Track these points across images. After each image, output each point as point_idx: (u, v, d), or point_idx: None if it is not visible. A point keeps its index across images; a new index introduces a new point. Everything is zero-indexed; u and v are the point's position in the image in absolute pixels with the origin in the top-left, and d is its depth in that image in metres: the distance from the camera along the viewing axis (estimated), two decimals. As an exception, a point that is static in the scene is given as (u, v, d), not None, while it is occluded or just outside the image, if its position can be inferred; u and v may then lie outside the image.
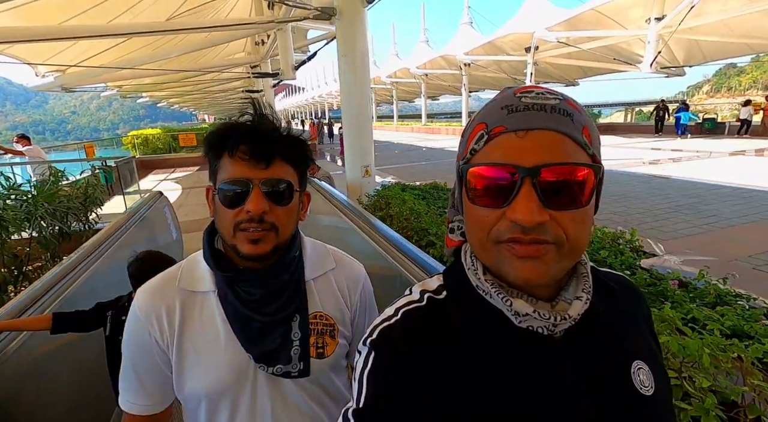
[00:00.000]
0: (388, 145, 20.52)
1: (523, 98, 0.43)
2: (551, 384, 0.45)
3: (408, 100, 45.41)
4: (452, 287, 0.52)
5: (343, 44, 4.73)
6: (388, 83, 34.23)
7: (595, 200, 0.45)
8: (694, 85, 78.31)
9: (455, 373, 0.45)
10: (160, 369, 0.75)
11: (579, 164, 0.41)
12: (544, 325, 0.45)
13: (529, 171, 0.40)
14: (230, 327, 0.74)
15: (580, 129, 0.42)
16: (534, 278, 0.41)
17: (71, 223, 3.89)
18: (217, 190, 0.71)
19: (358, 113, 4.97)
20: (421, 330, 0.48)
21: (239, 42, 14.79)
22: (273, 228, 0.71)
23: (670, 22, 12.52)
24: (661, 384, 0.50)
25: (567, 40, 16.55)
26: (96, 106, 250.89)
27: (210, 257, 0.75)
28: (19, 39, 6.58)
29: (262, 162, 0.69)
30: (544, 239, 0.41)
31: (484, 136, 0.43)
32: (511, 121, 0.42)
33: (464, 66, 23.32)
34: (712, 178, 7.93)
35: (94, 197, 4.40)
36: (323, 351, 0.79)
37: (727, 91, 56.49)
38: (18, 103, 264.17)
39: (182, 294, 0.75)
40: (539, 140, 0.41)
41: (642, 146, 14.30)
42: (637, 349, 0.51)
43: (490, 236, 0.43)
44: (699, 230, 5.03)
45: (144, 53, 10.85)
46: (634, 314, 0.55)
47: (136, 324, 0.74)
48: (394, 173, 10.64)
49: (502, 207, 0.41)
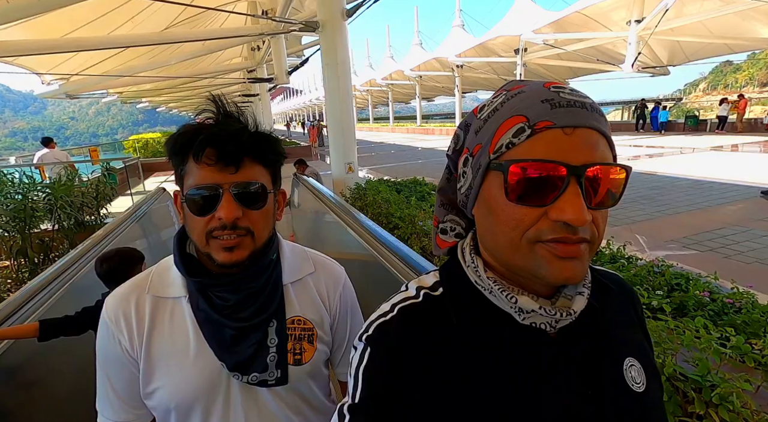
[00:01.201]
0: (384, 146, 21.01)
1: (561, 93, 0.42)
2: (545, 380, 0.45)
3: (404, 101, 45.98)
4: (449, 284, 0.51)
5: (326, 54, 5.26)
6: (384, 85, 34.80)
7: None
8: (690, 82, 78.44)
9: (451, 369, 0.46)
10: (135, 378, 0.72)
11: (618, 165, 0.42)
12: (547, 321, 0.45)
13: (577, 169, 0.39)
14: (202, 334, 0.71)
15: (609, 129, 0.43)
16: (575, 277, 0.41)
17: (85, 216, 4.40)
18: (185, 197, 0.67)
19: (341, 116, 5.50)
20: (418, 326, 0.48)
21: (236, 48, 15.31)
22: (248, 233, 0.68)
23: (649, 24, 13.05)
24: (653, 381, 0.51)
25: (553, 42, 17.10)
26: (95, 111, 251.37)
27: (180, 263, 0.72)
28: (26, 52, 7.13)
29: (231, 165, 0.66)
30: (588, 238, 0.41)
31: (525, 129, 0.41)
32: (557, 116, 0.40)
33: (456, 68, 23.85)
34: (679, 171, 8.45)
35: (104, 193, 4.93)
36: (301, 357, 0.76)
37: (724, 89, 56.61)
38: (17, 110, 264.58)
39: (152, 301, 0.72)
40: (585, 138, 0.40)
41: (623, 143, 14.82)
42: (629, 346, 0.51)
43: (527, 235, 0.41)
44: (649, 217, 5.55)
45: (144, 61, 11.38)
46: (627, 312, 0.56)
47: (105, 331, 0.71)
48: (390, 171, 11.10)
49: (546, 206, 0.40)
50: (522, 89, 0.44)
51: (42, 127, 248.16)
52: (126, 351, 0.70)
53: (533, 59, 19.64)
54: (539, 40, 17.00)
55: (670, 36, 15.29)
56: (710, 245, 4.30)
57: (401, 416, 0.45)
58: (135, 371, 0.71)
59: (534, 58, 19.45)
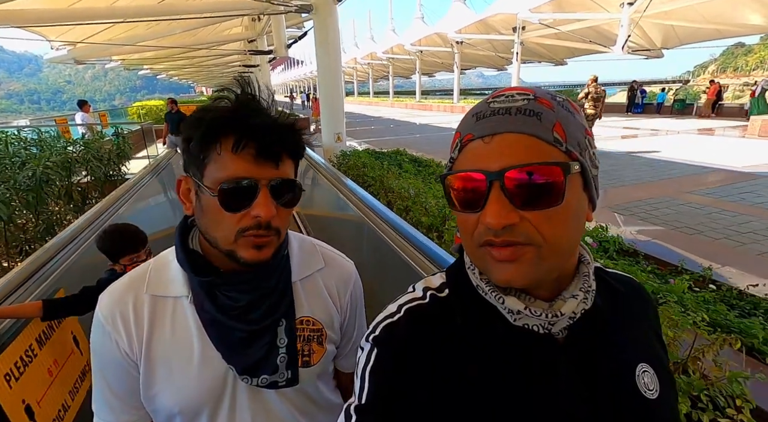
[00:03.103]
0: (383, 120, 21.46)
1: (492, 104, 0.44)
2: (548, 384, 0.45)
3: (405, 76, 45.74)
4: (453, 285, 0.52)
5: (318, 34, 5.90)
6: (384, 59, 34.66)
7: (589, 195, 0.46)
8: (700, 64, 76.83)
9: (455, 370, 0.46)
10: (134, 379, 0.68)
11: (542, 164, 0.41)
12: (539, 323, 0.45)
13: (495, 175, 0.41)
14: (207, 336, 0.67)
15: (550, 127, 0.42)
16: (514, 280, 0.42)
17: (110, 171, 5.19)
18: (214, 189, 0.60)
19: (332, 91, 6.20)
20: (424, 328, 0.49)
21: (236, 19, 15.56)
22: (277, 232, 0.64)
23: (640, 7, 13.39)
24: (667, 388, 0.50)
25: (551, 21, 17.33)
26: (91, 76, 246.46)
27: (185, 260, 0.67)
28: (40, 22, 7.70)
29: (271, 161, 0.61)
30: (515, 240, 0.41)
31: (458, 144, 0.45)
32: (478, 128, 0.43)
33: (456, 44, 23.93)
34: (641, 151, 9.17)
35: (125, 152, 5.70)
36: (309, 359, 0.74)
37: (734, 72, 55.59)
38: (11, 71, 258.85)
39: (150, 300, 0.67)
40: (503, 144, 0.41)
41: (611, 125, 15.43)
42: (642, 352, 0.51)
43: (474, 240, 0.44)
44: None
45: (146, 30, 11.78)
46: (640, 317, 0.55)
47: (101, 331, 0.66)
48: (386, 144, 11.67)
49: (478, 212, 0.42)
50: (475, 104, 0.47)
51: (38, 90, 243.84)
52: (125, 353, 0.66)
53: (531, 38, 19.82)
54: (535, 19, 17.23)
55: (664, 20, 15.62)
56: (634, 211, 5.12)
57: (408, 416, 0.45)
58: (134, 373, 0.67)
59: (531, 36, 19.63)
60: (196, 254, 0.68)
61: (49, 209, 3.79)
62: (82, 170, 4.51)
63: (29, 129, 5.77)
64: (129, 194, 3.84)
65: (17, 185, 3.19)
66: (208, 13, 7.90)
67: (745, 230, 4.35)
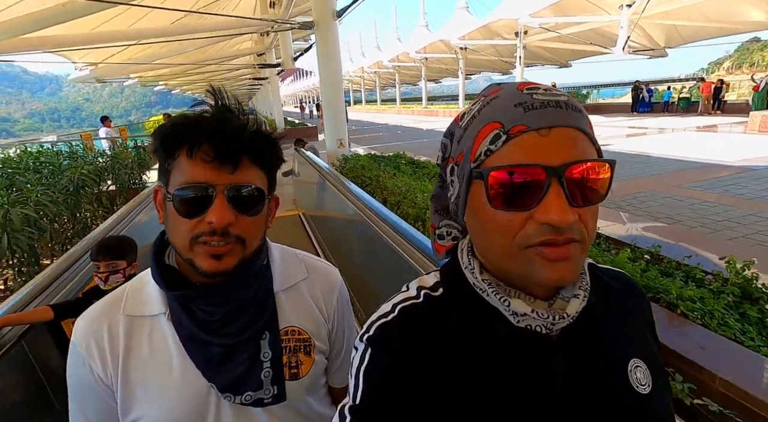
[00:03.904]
0: (390, 127, 21.93)
1: (534, 95, 0.42)
2: (544, 382, 0.45)
3: (411, 83, 46.31)
4: (449, 284, 0.52)
5: (320, 48, 6.37)
6: (391, 67, 35.30)
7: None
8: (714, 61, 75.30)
9: (450, 370, 0.46)
10: (112, 409, 0.65)
11: (599, 160, 0.41)
12: (542, 324, 0.45)
13: (556, 170, 0.39)
14: (186, 354, 0.65)
15: (589, 123, 0.43)
16: (566, 279, 0.42)
17: (132, 181, 5.71)
18: (172, 196, 0.60)
19: (335, 101, 6.65)
20: (418, 327, 0.49)
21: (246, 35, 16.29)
22: (239, 241, 0.62)
23: (639, 8, 13.61)
24: (659, 382, 0.50)
25: (554, 25, 17.62)
26: (108, 93, 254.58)
27: (158, 276, 0.65)
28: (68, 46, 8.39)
29: (228, 164, 0.59)
30: (576, 238, 0.41)
31: (501, 135, 0.42)
32: (531, 118, 0.41)
33: (460, 50, 24.35)
34: (643, 149, 9.39)
35: (145, 162, 6.24)
36: (297, 370, 0.71)
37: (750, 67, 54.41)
38: (33, 91, 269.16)
39: (126, 321, 0.66)
40: (562, 138, 0.40)
41: (615, 124, 15.58)
42: (634, 347, 0.51)
43: (516, 241, 0.41)
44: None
45: (161, 48, 12.51)
46: (633, 312, 0.55)
47: (76, 356, 0.65)
48: (395, 150, 12.15)
49: (530, 210, 0.40)
50: (497, 94, 0.45)
51: (58, 108, 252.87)
52: (99, 379, 0.64)
53: (533, 42, 20.11)
54: (536, 23, 17.54)
55: (665, 20, 15.80)
56: (621, 205, 5.38)
57: (402, 416, 0.45)
58: (111, 401, 0.65)
59: (534, 40, 19.91)
60: (171, 269, 0.67)
61: (83, 212, 4.28)
62: (108, 178, 5.02)
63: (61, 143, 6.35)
64: (147, 202, 4.05)
65: (60, 190, 3.67)
66: (218, 31, 8.48)
67: (721, 218, 4.60)
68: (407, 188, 3.89)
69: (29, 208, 2.90)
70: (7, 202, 2.82)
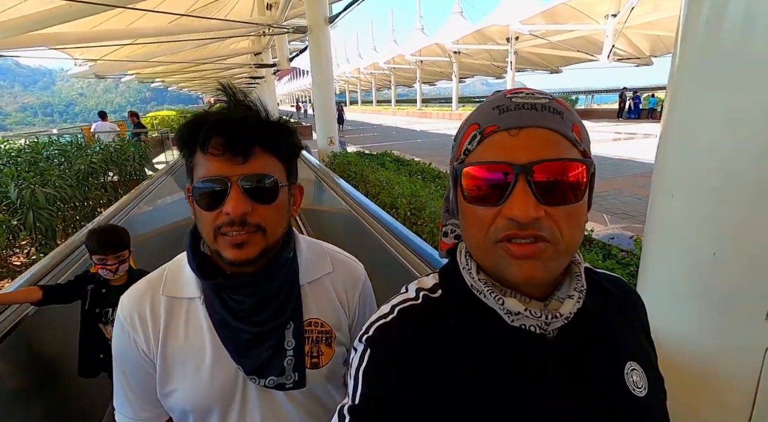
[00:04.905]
0: (384, 128, 22.33)
1: (513, 98, 0.44)
2: (540, 383, 0.45)
3: (407, 85, 46.86)
4: (447, 286, 0.53)
5: (313, 52, 6.80)
6: (386, 69, 35.77)
7: (588, 196, 0.46)
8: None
9: (448, 371, 0.46)
10: (151, 378, 0.71)
11: (571, 160, 0.42)
12: (536, 324, 0.46)
13: (522, 168, 0.41)
14: (218, 336, 0.70)
15: (570, 127, 0.44)
16: (533, 277, 0.42)
17: (133, 172, 6.09)
18: (192, 190, 0.65)
19: (325, 101, 7.09)
20: (417, 328, 0.49)
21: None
22: (259, 229, 0.64)
23: (623, 18, 14.20)
24: (655, 385, 0.51)
25: (543, 32, 18.17)
26: (103, 88, 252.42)
27: (195, 265, 0.70)
28: (70, 43, 8.75)
29: (239, 156, 0.62)
30: (541, 234, 0.41)
31: (477, 136, 0.44)
32: (503, 120, 0.43)
33: (454, 54, 24.85)
34: (616, 153, 9.94)
35: (146, 155, 6.62)
36: (318, 360, 0.75)
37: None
38: (26, 85, 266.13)
39: (167, 301, 0.71)
40: (531, 138, 0.42)
41: (600, 129, 16.14)
42: (631, 350, 0.52)
43: (488, 235, 0.43)
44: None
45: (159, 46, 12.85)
46: (629, 316, 0.56)
47: (121, 330, 0.71)
48: (388, 149, 12.66)
49: (498, 205, 0.42)
50: (488, 98, 0.48)
51: (51, 103, 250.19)
52: (142, 352, 0.70)
53: (524, 48, 20.66)
54: (526, 30, 18.09)
55: (649, 30, 16.43)
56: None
57: (401, 417, 0.46)
58: (152, 371, 0.71)
59: (525, 46, 20.47)
60: (205, 257, 0.71)
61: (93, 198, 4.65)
62: (112, 169, 5.40)
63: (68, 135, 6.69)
64: (147, 192, 4.40)
65: (72, 175, 4.04)
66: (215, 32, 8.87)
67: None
68: (387, 181, 4.32)
69: (50, 188, 3.27)
70: (33, 183, 3.19)
